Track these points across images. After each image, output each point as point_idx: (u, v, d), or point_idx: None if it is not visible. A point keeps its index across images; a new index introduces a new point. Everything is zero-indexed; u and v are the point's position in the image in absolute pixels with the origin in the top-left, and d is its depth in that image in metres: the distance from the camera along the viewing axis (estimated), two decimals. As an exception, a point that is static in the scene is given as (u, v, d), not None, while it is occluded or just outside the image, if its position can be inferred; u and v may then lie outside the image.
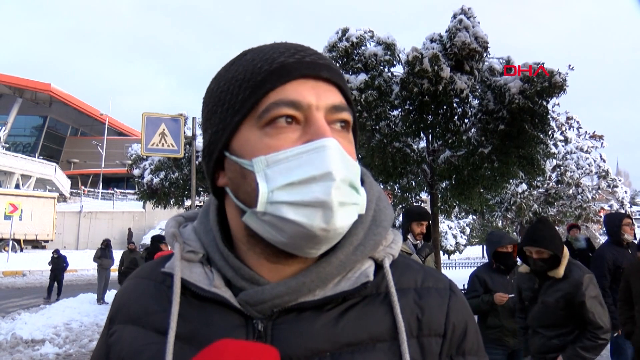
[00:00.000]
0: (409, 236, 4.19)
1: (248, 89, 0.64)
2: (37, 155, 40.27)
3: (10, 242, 24.16)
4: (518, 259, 3.84)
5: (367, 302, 0.67)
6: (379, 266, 0.70)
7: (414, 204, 11.64)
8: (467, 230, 32.31)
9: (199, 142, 12.76)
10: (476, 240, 34.60)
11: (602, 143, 23.04)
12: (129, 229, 31.07)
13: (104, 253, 13.15)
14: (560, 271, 3.18)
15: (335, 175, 0.59)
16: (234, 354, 0.57)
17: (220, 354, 0.57)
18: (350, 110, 0.68)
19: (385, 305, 0.67)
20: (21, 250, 26.24)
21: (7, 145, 38.48)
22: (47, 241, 28.27)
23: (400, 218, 4.68)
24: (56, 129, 47.61)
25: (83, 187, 40.04)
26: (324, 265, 0.65)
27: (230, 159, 0.66)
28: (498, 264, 4.07)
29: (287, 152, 0.61)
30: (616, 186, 23.52)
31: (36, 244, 27.87)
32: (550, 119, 10.00)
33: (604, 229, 5.07)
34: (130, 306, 0.73)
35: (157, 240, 7.08)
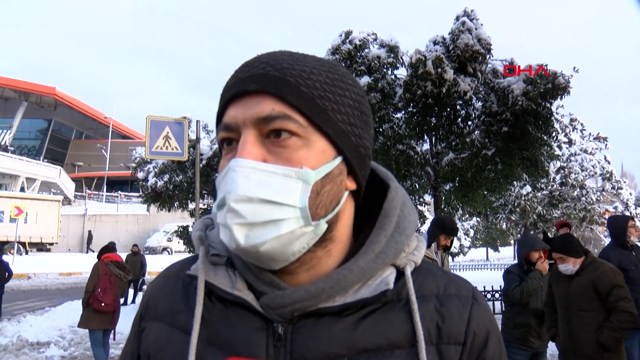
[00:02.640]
0: (433, 244, 4.35)
1: (217, 116, 0.69)
2: (42, 158, 40.43)
3: (16, 244, 24.24)
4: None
5: (387, 309, 0.67)
6: (400, 272, 0.69)
7: (417, 206, 11.60)
8: (471, 233, 32.22)
9: (203, 145, 12.79)
10: (480, 243, 34.49)
11: (606, 145, 23.00)
12: (89, 232, 31.09)
13: (108, 256, 13.14)
14: None
15: (227, 199, 0.60)
16: None
17: None
18: (293, 118, 0.62)
19: (405, 312, 0.67)
20: (26, 252, 26.30)
21: (12, 148, 38.69)
22: (52, 244, 28.33)
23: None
24: (61, 132, 47.76)
25: (87, 190, 40.16)
26: (344, 273, 0.66)
27: None
28: (529, 265, 4.19)
29: (219, 176, 0.64)
30: (621, 188, 23.45)
31: (41, 247, 27.92)
32: (554, 120, 9.97)
33: (608, 231, 5.05)
34: (158, 303, 0.75)
35: (106, 249, 7.56)
